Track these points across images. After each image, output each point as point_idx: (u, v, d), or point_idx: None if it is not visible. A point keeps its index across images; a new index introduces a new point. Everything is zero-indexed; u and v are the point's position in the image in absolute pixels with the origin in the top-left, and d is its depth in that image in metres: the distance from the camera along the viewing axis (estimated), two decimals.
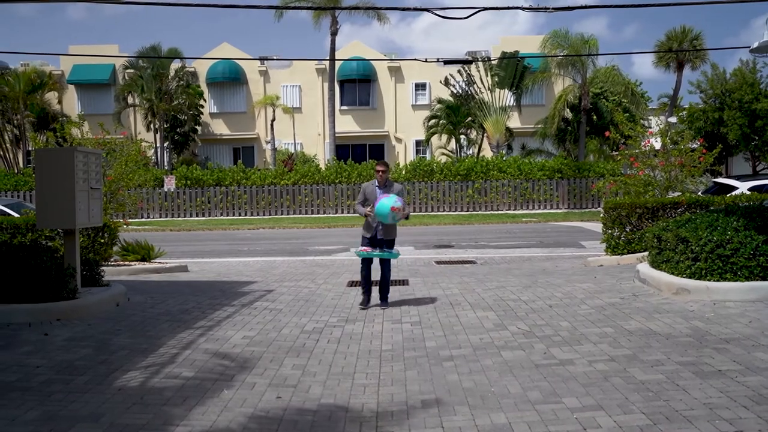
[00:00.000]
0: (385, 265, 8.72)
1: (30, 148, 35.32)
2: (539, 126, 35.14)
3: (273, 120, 36.63)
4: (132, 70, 36.03)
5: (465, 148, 37.20)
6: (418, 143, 38.85)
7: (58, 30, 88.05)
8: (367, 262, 8.76)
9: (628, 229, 11.98)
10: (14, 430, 4.36)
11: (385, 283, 8.75)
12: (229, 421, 4.56)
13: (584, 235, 19.08)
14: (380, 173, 8.61)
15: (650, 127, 26.52)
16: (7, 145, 35.59)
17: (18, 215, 14.20)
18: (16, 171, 32.64)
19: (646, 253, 9.83)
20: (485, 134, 33.16)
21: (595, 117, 32.73)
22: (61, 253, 8.61)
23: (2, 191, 28.63)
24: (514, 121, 35.91)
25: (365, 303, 8.68)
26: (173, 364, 5.86)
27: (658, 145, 14.86)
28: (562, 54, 29.16)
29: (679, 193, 13.39)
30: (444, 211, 28.55)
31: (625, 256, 11.69)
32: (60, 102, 37.49)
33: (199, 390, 5.20)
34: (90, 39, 75.95)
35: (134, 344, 6.51)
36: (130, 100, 36.53)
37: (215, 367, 5.82)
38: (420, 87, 39.37)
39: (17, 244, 8.11)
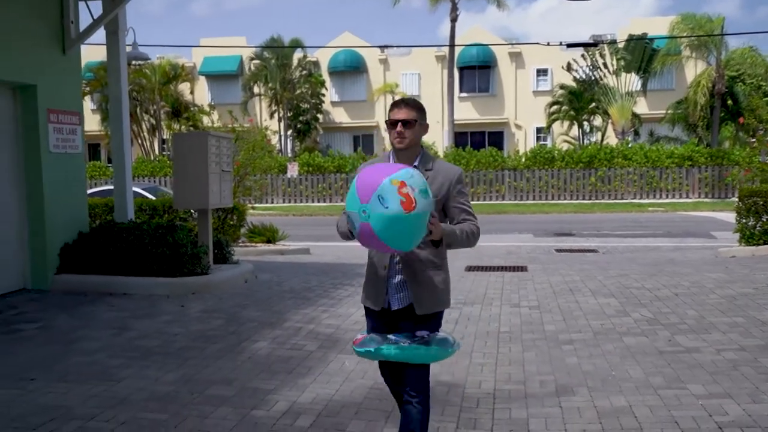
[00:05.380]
0: (415, 378, 3.33)
1: (165, 137, 37.51)
2: (669, 111, 33.58)
3: None
4: (258, 61, 37.44)
5: (588, 135, 36.11)
6: (538, 130, 38.08)
7: (187, 26, 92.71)
8: (383, 371, 3.60)
9: (764, 219, 11.26)
10: (158, 389, 4.75)
11: None
12: (351, 391, 4.75)
13: (716, 225, 18.11)
14: (397, 129, 3.35)
15: None
16: (145, 133, 37.87)
17: (154, 198, 15.20)
18: (152, 158, 34.75)
19: None
20: (610, 120, 32.06)
21: (730, 101, 30.87)
22: (195, 233, 9.18)
23: (140, 176, 30.59)
24: (641, 107, 34.45)
25: None
26: (298, 337, 6.14)
27: None
28: (693, 35, 27.67)
29: None
30: (565, 199, 27.89)
31: (761, 246, 11.02)
32: (192, 92, 39.49)
33: (322, 361, 5.43)
34: (219, 32, 79.65)
35: (261, 317, 6.87)
36: (256, 89, 37.97)
37: (338, 340, 6.05)
38: (541, 73, 38.54)
39: (157, 223, 8.71)
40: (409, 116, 3.37)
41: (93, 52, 27.83)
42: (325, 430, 4.08)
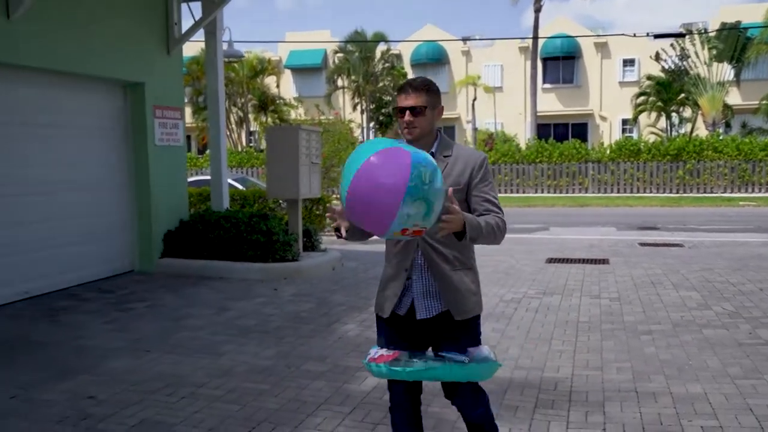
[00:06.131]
0: (463, 393, 3.05)
1: (252, 129, 38.73)
2: (764, 102, 32.29)
3: (474, 100, 37.02)
4: (341, 54, 38.15)
5: (676, 127, 35.13)
6: (624, 122, 37.33)
7: (272, 19, 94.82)
8: (398, 393, 3.13)
9: None
10: (258, 363, 5.21)
11: None
12: None
13: None
14: (405, 118, 2.90)
15: None
16: (233, 126, 39.23)
17: (243, 188, 15.92)
18: (239, 149, 35.98)
19: None
20: (700, 112, 31.14)
21: None
22: (285, 221, 9.69)
23: (229, 167, 31.70)
24: (734, 97, 33.23)
25: None
26: None
27: None
28: None
29: None
30: (650, 192, 27.30)
31: None
32: (278, 86, 40.59)
33: None
34: (303, 26, 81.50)
35: (349, 302, 7.28)
36: (339, 82, 38.70)
37: None
38: (628, 63, 37.71)
39: (251, 212, 9.26)
40: (418, 102, 2.91)
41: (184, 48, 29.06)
42: None
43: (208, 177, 16.77)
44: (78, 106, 8.22)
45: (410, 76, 39.12)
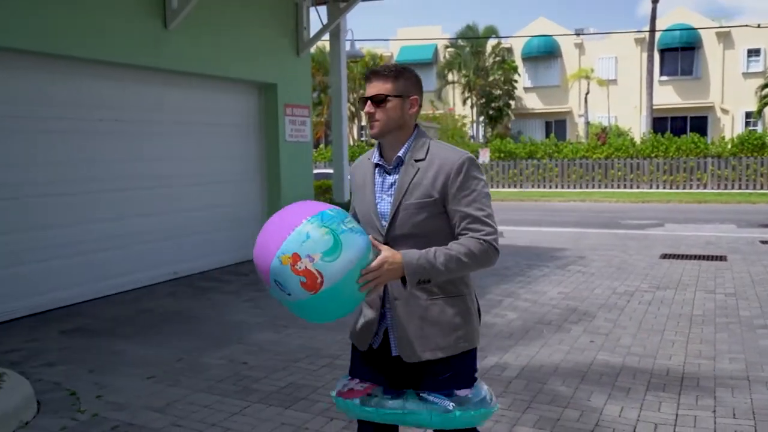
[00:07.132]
0: None
1: (363, 124, 39.67)
2: None
3: (587, 93, 36.39)
4: (452, 49, 38.43)
5: None
6: (747, 115, 35.61)
7: (382, 14, 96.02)
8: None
9: None
10: None
11: None
12: (549, 354, 5.42)
13: None
14: (366, 108, 2.45)
15: None
16: None
17: None
18: (351, 143, 37.03)
19: None
20: None
21: None
22: None
23: None
24: None
25: None
26: (499, 307, 6.90)
27: None
28: None
29: None
30: None
31: None
32: None
33: (522, 328, 6.14)
34: (414, 21, 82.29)
35: None
36: (449, 77, 39.01)
37: (534, 312, 6.72)
38: (753, 53, 35.91)
39: None
40: (382, 89, 2.42)
41: None
42: (528, 381, 4.79)
43: (323, 170, 17.62)
44: (221, 106, 9.07)
45: (521, 69, 38.97)
